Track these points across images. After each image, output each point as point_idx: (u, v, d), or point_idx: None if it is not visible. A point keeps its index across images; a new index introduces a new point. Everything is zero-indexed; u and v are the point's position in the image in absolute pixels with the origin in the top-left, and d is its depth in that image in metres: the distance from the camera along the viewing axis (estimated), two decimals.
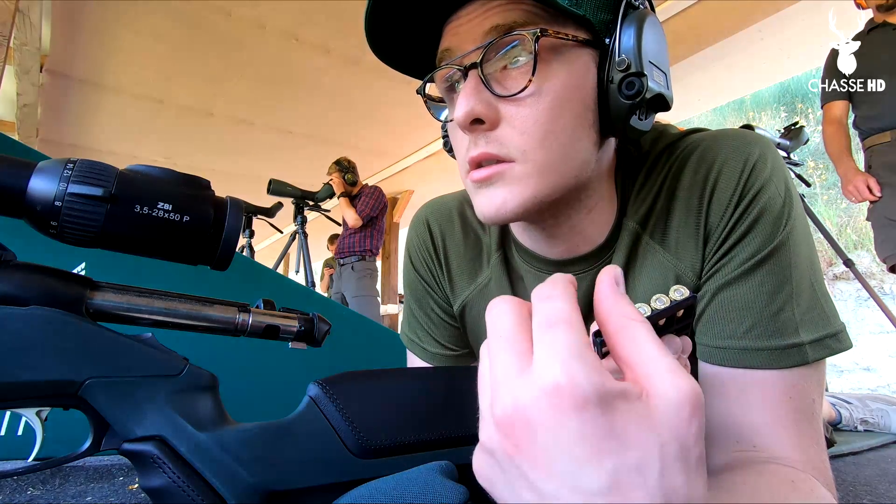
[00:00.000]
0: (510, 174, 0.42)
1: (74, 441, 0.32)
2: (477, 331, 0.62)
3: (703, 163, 0.47)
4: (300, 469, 0.33)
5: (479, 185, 0.43)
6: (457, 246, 0.60)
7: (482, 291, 0.59)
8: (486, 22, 0.40)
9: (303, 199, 3.01)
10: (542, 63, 0.40)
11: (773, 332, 0.42)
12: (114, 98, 3.31)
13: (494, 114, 0.41)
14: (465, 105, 0.40)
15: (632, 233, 0.50)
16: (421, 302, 0.65)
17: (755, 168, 0.44)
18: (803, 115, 6.28)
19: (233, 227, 0.35)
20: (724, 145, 0.47)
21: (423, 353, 0.66)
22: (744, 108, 6.80)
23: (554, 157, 0.42)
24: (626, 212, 0.50)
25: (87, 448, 0.32)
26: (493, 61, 0.42)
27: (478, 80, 0.41)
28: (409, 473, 0.34)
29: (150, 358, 0.32)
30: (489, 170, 0.42)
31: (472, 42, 0.41)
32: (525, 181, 0.42)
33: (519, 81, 0.41)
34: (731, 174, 0.45)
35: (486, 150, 0.42)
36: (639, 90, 0.41)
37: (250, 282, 1.36)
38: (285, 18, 2.64)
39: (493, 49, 0.41)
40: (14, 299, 0.30)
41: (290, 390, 1.39)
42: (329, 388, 0.35)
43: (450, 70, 0.44)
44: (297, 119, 3.67)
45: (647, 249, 0.49)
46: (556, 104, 0.41)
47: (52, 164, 0.30)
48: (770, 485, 0.35)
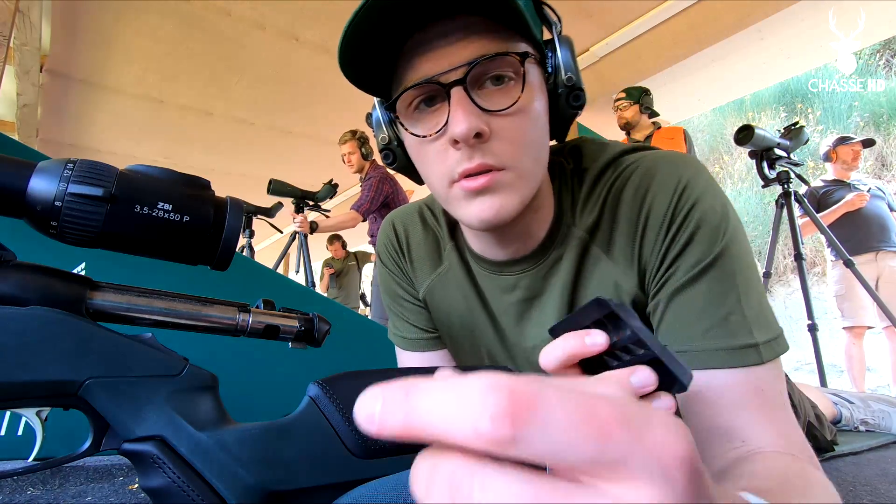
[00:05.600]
0: (503, 181, 0.46)
1: (74, 441, 0.32)
2: (440, 314, 0.67)
3: (643, 182, 0.52)
4: (300, 469, 0.33)
5: (474, 194, 0.47)
6: (418, 239, 0.67)
7: (442, 278, 0.65)
8: (469, 48, 0.44)
9: (303, 199, 3.01)
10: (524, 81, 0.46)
11: (727, 333, 0.46)
12: (114, 98, 3.31)
13: (489, 128, 0.45)
14: (466, 121, 0.43)
15: (580, 241, 0.54)
16: (394, 295, 0.71)
17: (688, 186, 0.49)
18: (803, 115, 6.28)
19: (233, 227, 0.35)
20: (661, 166, 0.52)
21: (404, 342, 0.71)
22: (744, 108, 6.80)
23: (532, 164, 0.48)
24: (574, 220, 0.55)
25: (87, 448, 0.32)
26: (473, 80, 0.45)
27: (465, 97, 0.44)
28: (409, 473, 0.34)
29: (150, 358, 0.32)
30: (485, 178, 0.46)
31: (451, 63, 0.45)
32: (515, 187, 0.47)
33: (506, 98, 0.46)
34: (666, 192, 0.50)
35: (483, 161, 0.45)
36: (582, 102, 0.50)
37: (250, 282, 1.36)
38: (285, 18, 2.64)
39: (478, 69, 0.44)
40: (14, 299, 0.30)
41: (290, 390, 1.39)
42: (329, 388, 0.35)
43: (421, 90, 0.47)
44: (297, 119, 3.67)
45: (594, 258, 0.54)
46: (534, 116, 0.48)
47: (52, 164, 0.30)
48: (771, 466, 0.38)
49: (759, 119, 6.58)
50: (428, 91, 0.47)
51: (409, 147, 0.52)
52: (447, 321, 0.67)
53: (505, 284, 0.59)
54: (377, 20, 0.43)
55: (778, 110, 6.59)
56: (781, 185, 2.30)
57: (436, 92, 0.46)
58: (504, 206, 0.47)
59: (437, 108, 0.47)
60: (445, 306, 0.65)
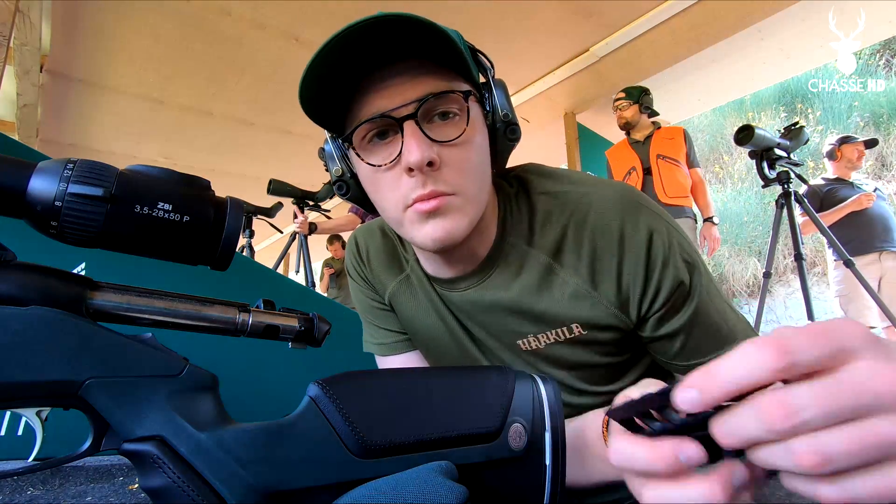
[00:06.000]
0: (452, 205, 0.51)
1: (74, 441, 0.32)
2: (404, 317, 0.72)
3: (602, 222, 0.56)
4: (300, 469, 0.33)
5: (426, 216, 0.51)
6: (377, 250, 0.73)
7: (403, 284, 0.70)
8: (419, 87, 0.50)
9: (303, 199, 3.01)
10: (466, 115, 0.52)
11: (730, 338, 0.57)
12: (114, 98, 3.31)
13: (439, 157, 0.50)
14: (419, 151, 0.48)
15: (543, 264, 0.59)
16: (364, 304, 0.76)
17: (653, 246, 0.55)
18: (803, 116, 6.28)
19: (233, 227, 0.35)
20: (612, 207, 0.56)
21: (383, 348, 0.75)
22: (744, 108, 6.80)
23: (477, 190, 0.53)
24: (521, 237, 0.60)
25: (87, 448, 0.32)
26: (423, 114, 0.50)
27: (417, 129, 0.49)
28: (409, 473, 0.34)
29: (150, 358, 0.32)
30: (436, 201, 0.51)
31: (404, 100, 0.49)
32: (463, 210, 0.52)
33: (453, 130, 0.51)
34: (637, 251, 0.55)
35: (435, 188, 0.50)
36: (517, 135, 0.57)
37: (250, 282, 1.36)
38: (285, 18, 2.63)
39: (428, 104, 0.50)
40: (14, 299, 0.30)
41: (290, 390, 1.39)
42: (329, 388, 0.35)
43: (375, 124, 0.51)
44: (296, 119, 3.66)
45: (559, 278, 0.58)
46: (476, 146, 0.53)
47: (52, 164, 0.30)
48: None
49: (759, 119, 6.58)
50: (381, 125, 0.51)
51: (364, 177, 0.56)
52: (412, 325, 0.70)
53: (456, 295, 0.63)
54: (337, 63, 0.47)
55: (778, 110, 6.58)
56: (781, 185, 2.30)
57: (388, 126, 0.51)
58: (454, 227, 0.52)
59: (389, 140, 0.52)
60: (410, 311, 0.70)
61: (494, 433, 0.38)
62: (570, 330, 0.59)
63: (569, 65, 3.25)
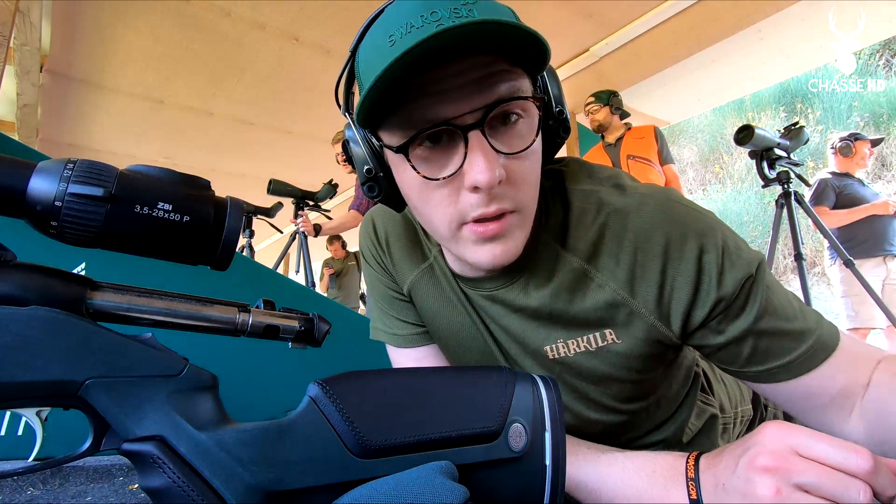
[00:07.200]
0: (514, 225, 0.47)
1: (74, 441, 0.32)
2: (425, 310, 0.66)
3: (644, 227, 0.51)
4: (300, 469, 0.33)
5: (485, 239, 0.46)
6: (398, 237, 0.66)
7: (424, 274, 0.64)
8: (487, 91, 0.42)
9: (303, 199, 3.01)
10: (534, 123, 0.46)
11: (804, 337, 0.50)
12: (114, 98, 3.31)
13: (505, 171, 0.44)
14: (490, 171, 0.42)
15: (576, 269, 0.53)
16: (380, 292, 0.70)
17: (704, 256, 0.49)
18: (803, 115, 6.28)
19: (233, 227, 0.35)
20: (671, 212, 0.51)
21: (395, 339, 0.70)
22: (744, 108, 6.80)
23: (533, 202, 0.49)
24: (558, 239, 0.55)
25: (87, 448, 0.32)
26: (490, 122, 0.43)
27: (484, 141, 0.43)
28: (409, 473, 0.34)
29: (150, 358, 0.32)
30: (498, 224, 0.46)
31: (467, 106, 0.42)
32: (521, 227, 0.48)
33: (520, 141, 0.45)
34: (686, 262, 0.50)
35: (501, 206, 0.45)
36: (570, 131, 0.51)
37: (250, 282, 1.36)
38: (285, 18, 2.64)
39: (496, 112, 0.43)
40: (14, 299, 0.30)
41: (290, 390, 1.39)
42: (329, 388, 0.35)
43: (435, 130, 0.44)
44: (297, 119, 3.67)
45: (593, 282, 0.53)
46: (538, 157, 0.48)
47: (52, 164, 0.30)
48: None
49: (759, 119, 6.58)
50: (438, 131, 0.44)
51: (409, 185, 0.48)
52: (433, 320, 0.66)
53: (482, 294, 0.59)
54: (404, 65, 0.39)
55: (778, 110, 6.59)
56: (781, 185, 2.30)
57: (446, 133, 0.44)
58: (512, 249, 0.47)
59: (443, 147, 0.44)
60: (432, 304, 0.64)
61: (494, 433, 0.38)
62: (602, 337, 0.54)
63: (569, 65, 3.25)
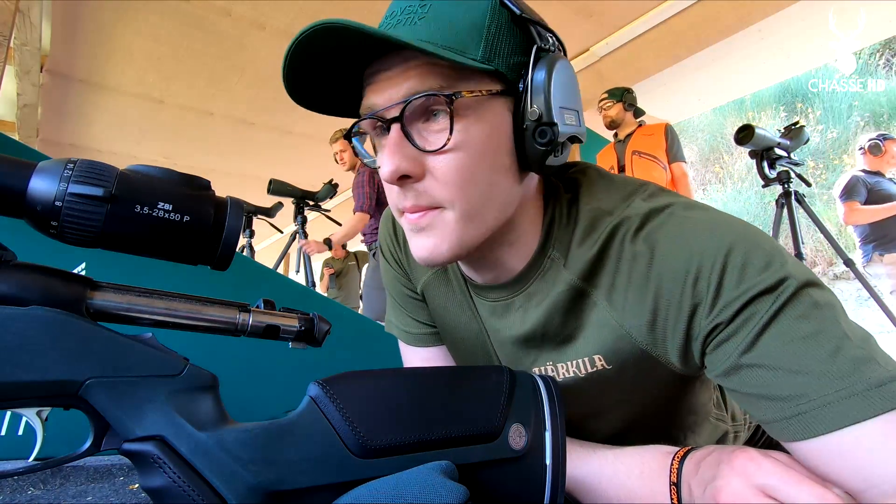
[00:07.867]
0: (440, 220, 0.45)
1: (74, 441, 0.32)
2: (436, 311, 0.66)
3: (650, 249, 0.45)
4: (300, 469, 0.33)
5: (414, 231, 0.47)
6: None
7: (438, 275, 0.64)
8: (404, 84, 0.43)
9: (303, 199, 3.01)
10: (459, 119, 0.43)
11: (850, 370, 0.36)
12: (114, 98, 3.31)
13: (419, 168, 0.44)
14: (391, 163, 0.42)
15: (574, 288, 0.50)
16: (396, 288, 0.70)
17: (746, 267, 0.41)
18: (803, 115, 6.28)
19: (233, 227, 0.35)
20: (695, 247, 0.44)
21: (407, 336, 0.71)
22: (744, 108, 6.80)
23: (475, 205, 0.45)
24: (562, 256, 0.51)
25: (88, 448, 0.32)
26: (412, 117, 0.44)
27: (400, 134, 0.43)
28: (409, 473, 0.34)
29: (150, 358, 0.32)
30: (420, 216, 0.45)
31: (390, 99, 0.43)
32: (452, 227, 0.45)
33: (439, 137, 0.43)
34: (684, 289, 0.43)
35: (416, 203, 0.45)
36: (550, 138, 0.43)
37: (250, 282, 1.36)
38: (285, 18, 2.63)
39: (410, 107, 0.43)
40: (14, 299, 0.30)
41: (290, 390, 1.38)
42: (329, 388, 0.35)
43: (374, 121, 0.46)
44: (297, 119, 3.67)
45: (592, 304, 0.50)
46: (474, 155, 0.44)
47: (52, 164, 0.30)
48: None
49: (759, 119, 6.58)
50: (376, 120, 0.45)
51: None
52: (443, 320, 0.66)
53: (486, 304, 0.58)
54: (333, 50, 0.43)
55: (778, 110, 6.58)
56: (781, 184, 2.30)
57: (381, 122, 0.45)
58: (438, 247, 0.45)
59: (383, 137, 0.46)
60: (443, 304, 0.65)
61: (494, 433, 0.38)
62: (591, 362, 0.51)
63: None
